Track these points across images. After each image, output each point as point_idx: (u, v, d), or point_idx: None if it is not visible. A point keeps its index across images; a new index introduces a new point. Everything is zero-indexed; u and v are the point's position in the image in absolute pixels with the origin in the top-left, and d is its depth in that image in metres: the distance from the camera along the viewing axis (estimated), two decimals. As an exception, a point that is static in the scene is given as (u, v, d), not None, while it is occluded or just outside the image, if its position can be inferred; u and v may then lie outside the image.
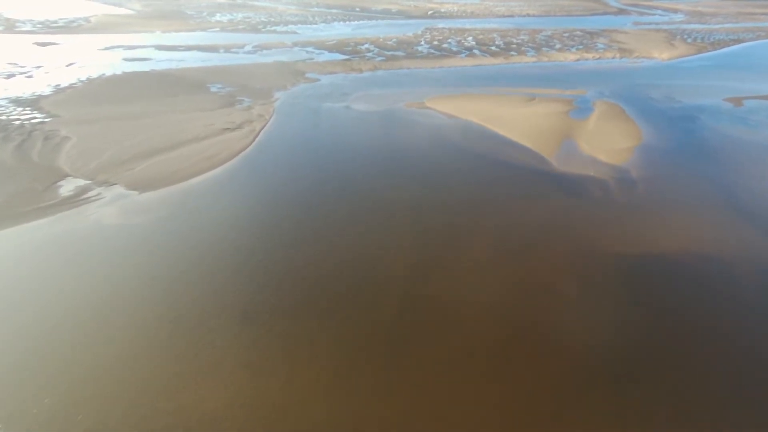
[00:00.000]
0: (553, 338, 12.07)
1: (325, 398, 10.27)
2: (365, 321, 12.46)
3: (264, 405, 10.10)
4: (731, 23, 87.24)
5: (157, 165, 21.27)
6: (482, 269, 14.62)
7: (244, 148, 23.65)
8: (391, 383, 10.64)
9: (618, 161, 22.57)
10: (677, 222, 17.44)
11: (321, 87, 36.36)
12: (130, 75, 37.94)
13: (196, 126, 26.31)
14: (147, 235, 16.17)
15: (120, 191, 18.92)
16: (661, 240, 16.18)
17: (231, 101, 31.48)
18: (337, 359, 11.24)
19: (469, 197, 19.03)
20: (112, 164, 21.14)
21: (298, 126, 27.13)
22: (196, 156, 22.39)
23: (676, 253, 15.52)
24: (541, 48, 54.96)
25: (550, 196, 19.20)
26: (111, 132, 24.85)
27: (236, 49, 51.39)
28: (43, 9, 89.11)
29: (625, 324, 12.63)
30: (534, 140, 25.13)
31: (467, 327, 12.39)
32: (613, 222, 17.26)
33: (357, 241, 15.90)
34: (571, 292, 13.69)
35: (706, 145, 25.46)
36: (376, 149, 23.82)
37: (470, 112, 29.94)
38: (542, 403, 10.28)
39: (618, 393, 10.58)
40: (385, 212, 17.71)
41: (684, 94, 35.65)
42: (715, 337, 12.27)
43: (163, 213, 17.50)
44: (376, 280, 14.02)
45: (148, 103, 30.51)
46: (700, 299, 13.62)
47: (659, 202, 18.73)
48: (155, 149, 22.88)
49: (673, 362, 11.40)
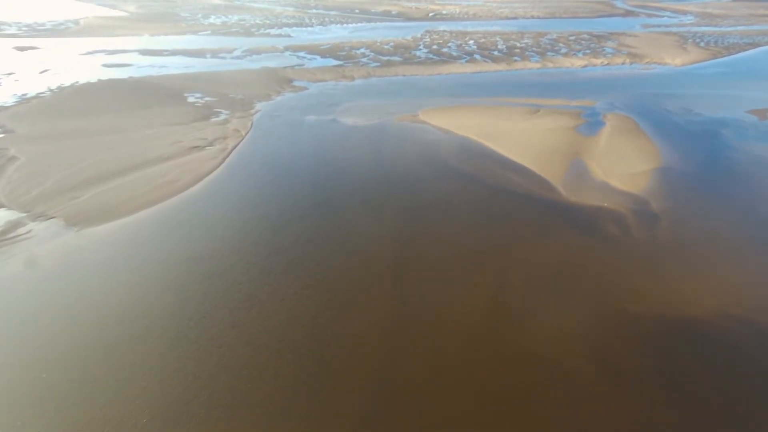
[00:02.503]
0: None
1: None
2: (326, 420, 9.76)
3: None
4: (744, 26, 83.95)
5: (108, 193, 18.65)
6: (473, 338, 11.86)
7: (210, 170, 20.99)
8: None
9: (635, 188, 19.74)
10: (711, 272, 14.59)
11: (308, 97, 33.69)
12: (104, 83, 35.43)
13: (163, 144, 23.69)
14: (78, 287, 13.52)
15: (56, 227, 16.29)
16: (693, 298, 13.35)
17: (207, 114, 28.85)
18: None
19: (460, 241, 16.26)
20: (56, 192, 18.53)
21: (275, 144, 24.45)
22: (155, 181, 19.75)
23: (712, 317, 12.69)
24: (545, 53, 52.08)
25: (556, 235, 16.40)
26: (66, 151, 22.27)
27: (224, 53, 48.88)
28: (34, 11, 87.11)
29: (653, 422, 9.83)
30: (538, 161, 22.33)
31: (455, 419, 9.65)
32: (632, 272, 14.44)
33: (320, 316, 13.19)
34: (583, 372, 10.91)
35: (733, 168, 22.57)
36: (360, 173, 21.09)
37: (468, 127, 27.17)
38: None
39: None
40: (361, 265, 14.98)
41: (702, 105, 32.71)
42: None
43: (101, 256, 14.84)
44: (341, 363, 11.29)
45: (116, 115, 27.94)
46: (747, 383, 10.81)
47: (687, 245, 15.88)
48: (110, 172, 20.27)
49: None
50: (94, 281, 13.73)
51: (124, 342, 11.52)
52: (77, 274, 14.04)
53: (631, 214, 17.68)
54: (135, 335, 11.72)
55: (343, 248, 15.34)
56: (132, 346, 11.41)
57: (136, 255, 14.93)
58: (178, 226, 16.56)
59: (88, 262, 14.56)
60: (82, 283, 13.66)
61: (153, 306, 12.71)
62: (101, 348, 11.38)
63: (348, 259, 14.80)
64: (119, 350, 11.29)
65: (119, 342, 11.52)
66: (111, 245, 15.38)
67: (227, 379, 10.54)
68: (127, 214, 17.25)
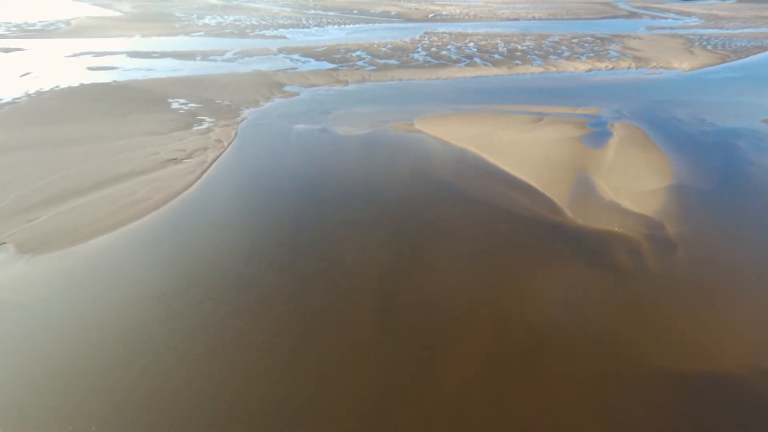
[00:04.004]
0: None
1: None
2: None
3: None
4: (750, 28, 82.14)
5: (68, 214, 16.96)
6: (466, 404, 10.15)
7: (185, 187, 19.30)
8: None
9: (647, 209, 18.02)
10: (740, 315, 12.86)
11: (298, 103, 32.00)
12: (86, 88, 33.78)
13: (137, 156, 22.01)
14: (25, 325, 11.84)
15: (5, 255, 14.60)
16: (720, 348, 11.64)
17: (189, 122, 27.17)
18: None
19: (455, 275, 14.57)
20: (11, 213, 16.86)
21: (258, 157, 22.75)
22: (122, 200, 18.07)
23: (742, 372, 10.97)
24: (548, 56, 50.35)
25: (562, 267, 14.68)
26: (29, 165, 20.60)
27: (215, 56, 47.22)
28: (27, 10, 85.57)
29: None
30: (541, 177, 20.63)
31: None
32: (648, 314, 12.72)
33: (293, 368, 11.51)
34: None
35: (753, 186, 20.84)
36: (348, 192, 19.39)
37: (466, 137, 25.47)
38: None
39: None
40: (342, 310, 13.29)
41: (714, 114, 30.97)
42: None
43: (49, 291, 13.14)
44: (314, 425, 9.60)
45: (92, 124, 26.28)
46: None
47: (710, 281, 14.15)
48: (74, 190, 18.59)
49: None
50: (38, 322, 12.04)
51: (69, 402, 9.83)
52: (20, 313, 12.35)
53: (645, 241, 15.95)
54: (81, 392, 10.02)
55: (323, 284, 13.64)
56: (77, 405, 9.71)
57: (88, 290, 13.23)
58: (141, 255, 14.86)
59: (34, 299, 12.87)
60: (24, 324, 11.97)
61: (100, 357, 11.02)
62: (38, 408, 9.68)
63: (328, 297, 13.10)
64: (63, 411, 9.59)
65: (62, 402, 9.83)
66: (62, 278, 13.69)
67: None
68: (85, 239, 15.56)
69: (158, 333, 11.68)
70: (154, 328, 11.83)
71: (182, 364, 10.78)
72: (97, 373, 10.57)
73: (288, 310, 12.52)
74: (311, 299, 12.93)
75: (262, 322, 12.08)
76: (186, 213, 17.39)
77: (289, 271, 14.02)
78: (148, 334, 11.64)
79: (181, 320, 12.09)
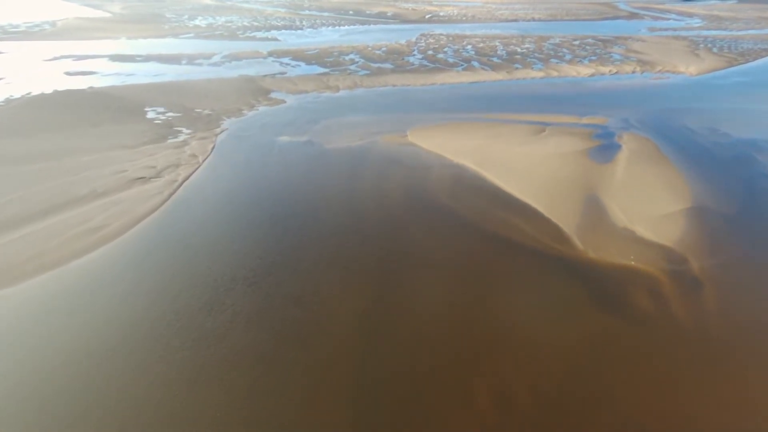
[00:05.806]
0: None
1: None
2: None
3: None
4: (755, 29, 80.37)
5: (13, 245, 14.94)
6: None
7: (149, 212, 17.30)
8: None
9: (666, 238, 16.07)
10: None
11: (284, 111, 30.01)
12: (59, 95, 31.72)
13: (101, 174, 20.00)
14: None
15: (-73, 300, 12.59)
16: (760, 422, 9.70)
17: (164, 133, 25.15)
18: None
19: (447, 323, 12.60)
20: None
21: (234, 175, 20.73)
22: (77, 228, 16.05)
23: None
24: (549, 59, 48.43)
25: (572, 314, 12.72)
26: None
27: (202, 59, 45.20)
28: (12, 11, 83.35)
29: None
30: (546, 198, 18.69)
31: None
32: (675, 378, 10.76)
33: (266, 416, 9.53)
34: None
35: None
36: (331, 217, 17.41)
37: (463, 151, 23.50)
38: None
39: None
40: (312, 372, 11.31)
41: (728, 123, 29.06)
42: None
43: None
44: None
45: (58, 136, 24.24)
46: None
47: (745, 332, 12.18)
48: (24, 216, 16.57)
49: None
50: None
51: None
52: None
53: (667, 279, 13.99)
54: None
55: (295, 335, 11.66)
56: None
57: (27, 339, 11.21)
58: (85, 301, 12.84)
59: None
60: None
61: (69, 405, 9.02)
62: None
63: (297, 352, 11.12)
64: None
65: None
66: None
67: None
68: (28, 277, 13.55)
69: (97, 399, 9.67)
70: (90, 394, 9.81)
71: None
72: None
73: (255, 374, 10.51)
74: (281, 361, 10.93)
75: (220, 391, 10.08)
76: (145, 245, 15.37)
77: (257, 323, 12.01)
78: (85, 403, 9.63)
79: (125, 382, 10.07)
